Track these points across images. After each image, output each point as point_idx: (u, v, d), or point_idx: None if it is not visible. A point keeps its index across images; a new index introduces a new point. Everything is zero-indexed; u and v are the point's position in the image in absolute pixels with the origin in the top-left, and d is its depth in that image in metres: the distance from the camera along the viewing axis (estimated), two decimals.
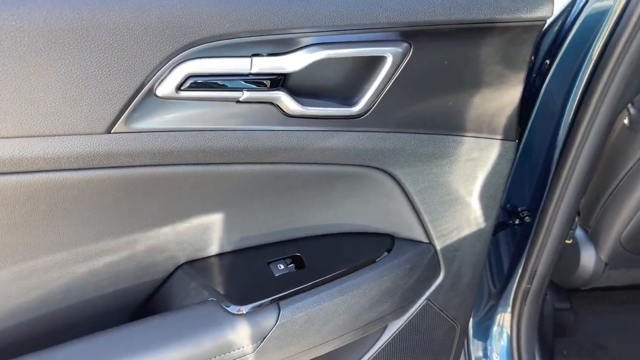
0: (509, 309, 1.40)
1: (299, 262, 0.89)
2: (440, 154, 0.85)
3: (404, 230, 0.95)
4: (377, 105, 0.76)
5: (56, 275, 0.74)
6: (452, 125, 0.84)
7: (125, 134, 0.63)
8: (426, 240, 0.96)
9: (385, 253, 0.94)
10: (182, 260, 0.85)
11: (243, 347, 0.80)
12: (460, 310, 1.10)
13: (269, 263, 0.88)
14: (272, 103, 0.70)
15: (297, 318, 0.83)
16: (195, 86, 0.64)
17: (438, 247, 0.97)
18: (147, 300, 0.87)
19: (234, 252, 0.88)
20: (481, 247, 1.02)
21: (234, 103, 0.68)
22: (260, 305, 0.81)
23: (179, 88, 0.64)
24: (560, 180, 1.16)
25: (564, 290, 1.63)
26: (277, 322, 0.81)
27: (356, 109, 0.75)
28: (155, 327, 0.77)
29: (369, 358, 1.03)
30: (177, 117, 0.66)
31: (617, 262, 1.43)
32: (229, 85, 0.66)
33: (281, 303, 0.82)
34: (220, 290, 0.82)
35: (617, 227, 1.35)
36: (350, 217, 0.92)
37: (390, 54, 0.72)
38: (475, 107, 0.83)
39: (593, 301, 1.66)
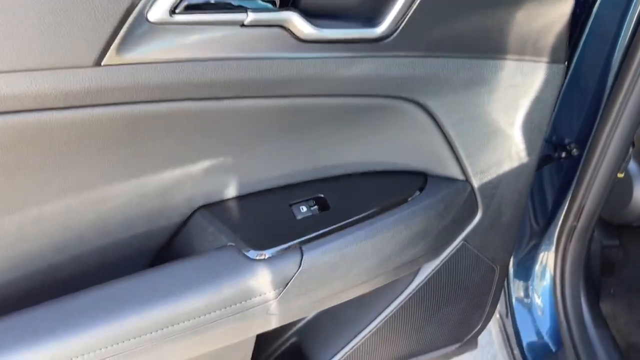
0: (553, 248, 1.32)
1: (322, 204, 0.83)
2: (477, 80, 0.76)
3: (437, 167, 0.87)
4: (404, 25, 0.66)
5: (64, 221, 0.71)
6: (491, 47, 0.74)
7: (118, 67, 0.57)
8: (462, 178, 0.88)
9: (417, 192, 0.86)
10: (199, 203, 0.80)
11: (265, 294, 0.75)
12: (500, 251, 1.03)
13: (290, 205, 0.82)
14: (282, 26, 0.61)
15: (322, 262, 0.78)
16: (191, 8, 0.56)
17: (475, 184, 0.88)
18: (164, 246, 0.84)
19: (253, 195, 0.82)
20: (523, 183, 0.93)
21: (238, 27, 0.60)
22: (281, 250, 0.76)
23: (172, 11, 0.56)
24: (614, 108, 1.04)
25: (613, 226, 1.53)
26: (300, 267, 0.76)
27: (380, 30, 0.66)
28: (172, 275, 0.73)
29: (401, 301, 0.98)
30: (174, 45, 0.58)
31: None
32: (229, 6, 0.58)
33: (304, 247, 0.77)
34: (240, 234, 0.77)
35: None
36: (378, 154, 0.85)
37: None
38: (518, 25, 0.73)
39: None
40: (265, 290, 0.75)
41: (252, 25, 0.60)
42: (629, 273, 1.52)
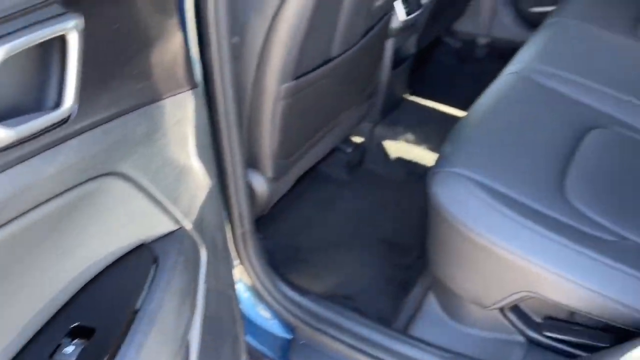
0: (237, 262, 1.41)
1: (83, 331, 0.69)
2: (154, 128, 0.77)
3: (153, 230, 0.84)
4: (83, 96, 0.62)
5: None
6: (149, 92, 0.76)
7: None
8: (177, 226, 0.88)
9: (153, 266, 0.81)
10: None
11: None
12: (227, 276, 1.07)
13: (50, 357, 0.65)
14: None
15: None
16: None
17: (189, 226, 0.90)
18: None
19: None
20: (216, 203, 1.00)
21: None
22: None
23: None
24: (225, 109, 1.12)
25: None
26: None
27: (63, 109, 0.60)
28: None
29: None
30: None
31: (280, 172, 1.60)
32: None
33: None
34: None
35: (266, 141, 1.47)
36: (97, 251, 0.76)
37: (68, 31, 0.59)
38: (155, 67, 0.77)
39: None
40: None
41: None
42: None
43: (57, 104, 0.59)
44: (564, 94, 1.44)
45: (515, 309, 1.25)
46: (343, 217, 1.85)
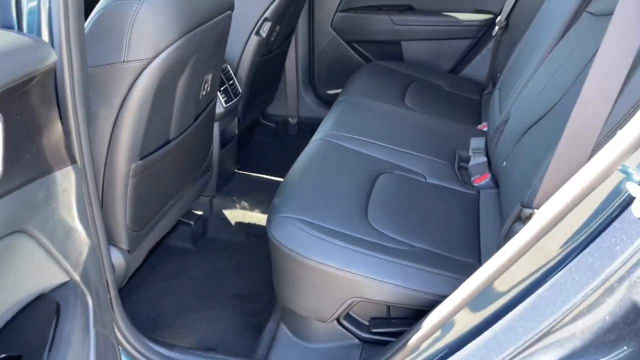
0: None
1: (12, 358, 0.84)
2: (49, 194, 0.97)
3: (50, 280, 1.01)
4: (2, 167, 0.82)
5: None
6: (45, 166, 0.96)
7: None
8: (67, 278, 1.05)
9: (55, 316, 0.98)
10: None
11: None
12: (110, 324, 1.23)
13: None
14: None
15: None
16: None
17: (77, 277, 1.07)
18: None
19: None
20: (97, 261, 1.18)
21: None
22: None
23: None
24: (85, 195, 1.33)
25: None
26: None
27: None
28: None
29: None
30: None
31: (134, 244, 1.77)
32: None
33: None
34: None
35: (120, 215, 1.65)
36: (7, 300, 0.91)
37: None
38: (46, 146, 0.98)
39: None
40: None
41: None
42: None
43: None
44: (356, 151, 1.88)
45: (348, 317, 1.57)
46: (195, 282, 2.05)
